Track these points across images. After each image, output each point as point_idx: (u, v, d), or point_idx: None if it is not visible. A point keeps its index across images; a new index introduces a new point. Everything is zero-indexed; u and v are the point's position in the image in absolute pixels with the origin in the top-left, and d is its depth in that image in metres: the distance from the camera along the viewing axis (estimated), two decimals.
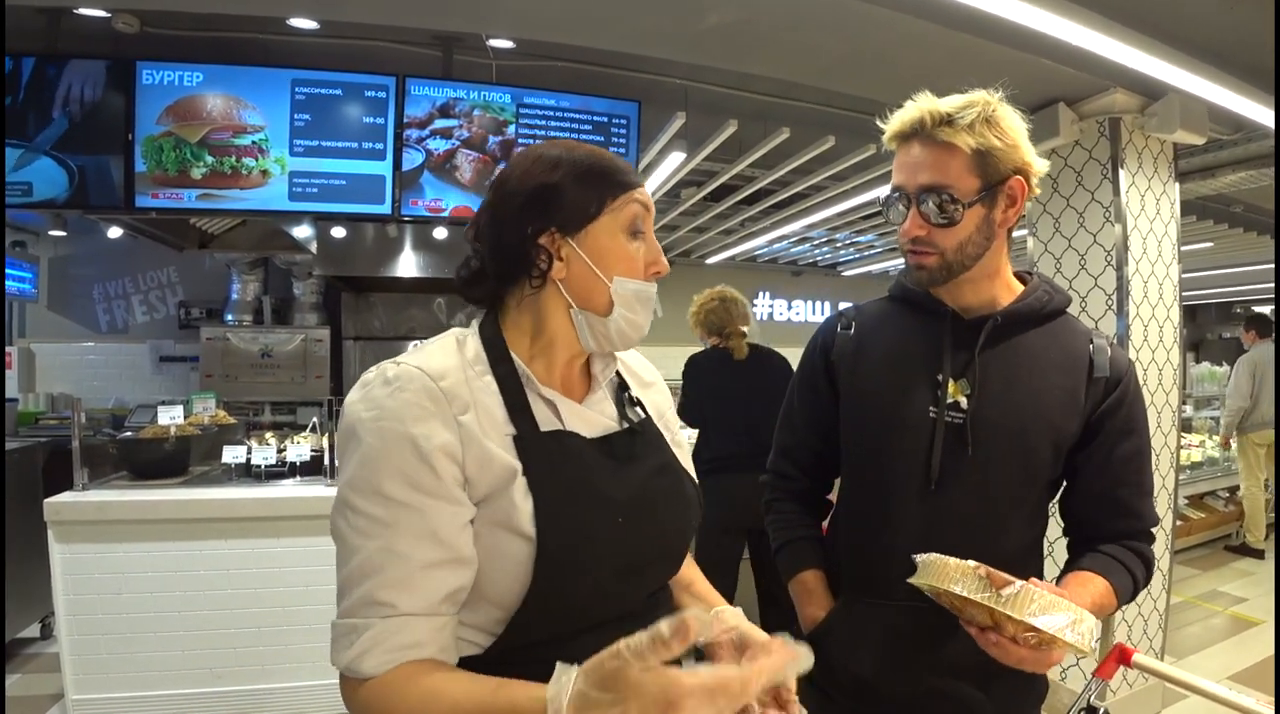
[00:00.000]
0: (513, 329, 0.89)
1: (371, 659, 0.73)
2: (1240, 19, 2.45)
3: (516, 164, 0.87)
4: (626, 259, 0.86)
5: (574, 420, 0.87)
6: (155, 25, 3.13)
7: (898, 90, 1.16)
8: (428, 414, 0.77)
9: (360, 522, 0.75)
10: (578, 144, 0.89)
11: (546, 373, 0.88)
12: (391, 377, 0.79)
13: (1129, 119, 2.97)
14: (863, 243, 7.18)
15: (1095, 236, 3.03)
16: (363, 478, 0.76)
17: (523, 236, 0.84)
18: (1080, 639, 0.85)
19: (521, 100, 3.49)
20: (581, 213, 0.84)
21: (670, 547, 0.92)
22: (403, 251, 4.57)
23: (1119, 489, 1.13)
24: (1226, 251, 6.58)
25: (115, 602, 2.66)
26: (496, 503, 0.79)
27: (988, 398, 1.11)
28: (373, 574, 0.74)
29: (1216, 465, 5.84)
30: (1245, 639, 3.95)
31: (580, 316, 0.86)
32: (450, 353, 0.84)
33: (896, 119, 1.10)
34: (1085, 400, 1.12)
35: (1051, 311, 1.17)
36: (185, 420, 3.15)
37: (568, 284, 0.85)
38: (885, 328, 1.22)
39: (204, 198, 3.27)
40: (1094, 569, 1.08)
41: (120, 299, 5.91)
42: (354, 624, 0.74)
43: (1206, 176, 4.00)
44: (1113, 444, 1.13)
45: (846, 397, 1.21)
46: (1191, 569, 5.15)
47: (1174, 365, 3.15)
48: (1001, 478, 1.11)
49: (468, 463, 0.78)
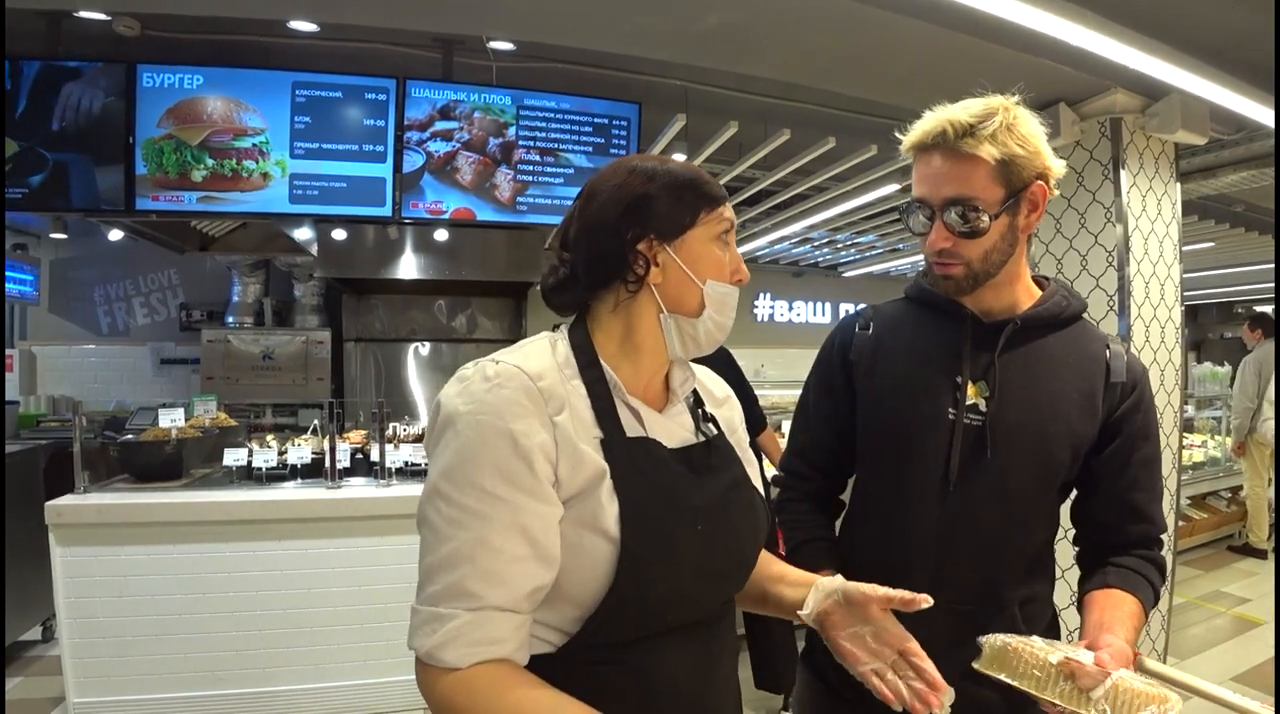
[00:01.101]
0: (601, 334, 0.92)
1: (454, 650, 0.74)
2: (1241, 18, 2.45)
3: (610, 176, 0.91)
4: (716, 265, 0.92)
5: (656, 429, 0.90)
6: (156, 28, 3.13)
7: (898, 91, 1.16)
8: (526, 411, 0.79)
9: (453, 512, 0.77)
10: (668, 158, 0.94)
11: (632, 380, 0.92)
12: (492, 374, 0.81)
13: (1130, 119, 2.97)
14: (864, 243, 7.18)
15: (1097, 237, 3.03)
16: (458, 469, 0.77)
17: (621, 242, 0.88)
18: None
19: (522, 102, 3.50)
20: (678, 222, 0.89)
21: (744, 557, 0.95)
22: (404, 253, 4.58)
23: (1134, 493, 1.14)
24: (1228, 251, 6.58)
25: (116, 604, 2.67)
26: (584, 503, 0.81)
27: (1007, 400, 1.11)
28: (462, 564, 0.75)
29: (1219, 466, 5.83)
30: (1248, 640, 3.94)
31: (670, 321, 0.91)
32: (545, 355, 0.87)
33: (917, 129, 1.08)
34: (1102, 405, 1.13)
35: (1069, 316, 1.17)
36: (186, 423, 3.15)
37: (662, 289, 0.90)
38: (904, 329, 1.22)
39: (205, 200, 3.27)
40: (1124, 587, 1.09)
41: (121, 301, 5.92)
42: (438, 613, 0.75)
43: (1208, 176, 4.00)
44: (1129, 449, 1.14)
45: (864, 396, 1.21)
46: (1194, 570, 5.14)
47: (1176, 366, 3.14)
48: (1020, 480, 1.11)
49: (560, 463, 0.80)
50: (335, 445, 2.95)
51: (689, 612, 0.88)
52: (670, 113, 3.55)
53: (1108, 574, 1.11)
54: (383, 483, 2.98)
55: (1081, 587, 1.15)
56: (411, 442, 3.27)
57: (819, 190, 4.86)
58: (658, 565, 0.82)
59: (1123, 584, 1.09)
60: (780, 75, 2.90)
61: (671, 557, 0.83)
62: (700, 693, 0.89)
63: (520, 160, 3.54)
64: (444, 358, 5.87)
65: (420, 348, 5.84)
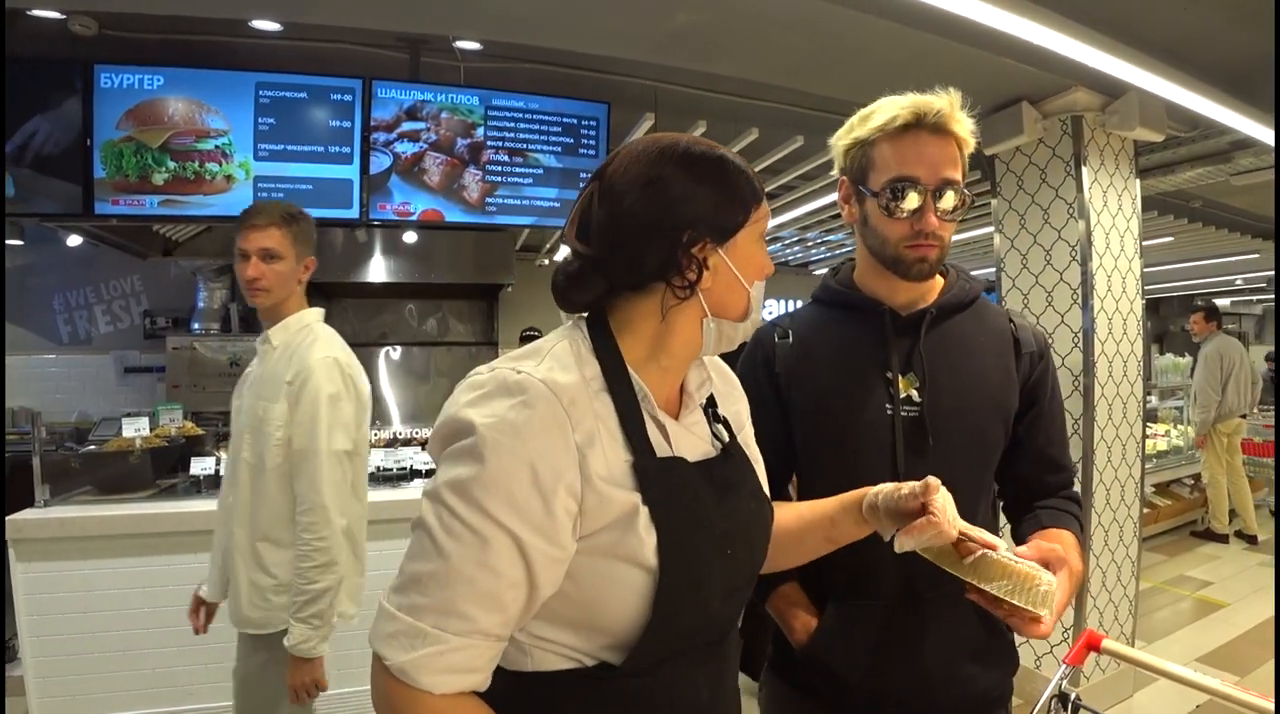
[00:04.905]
0: (630, 338, 0.84)
1: (431, 675, 0.71)
2: (1197, 19, 2.51)
3: (654, 160, 0.81)
4: (760, 264, 0.87)
5: (680, 443, 0.85)
6: (113, 27, 3.05)
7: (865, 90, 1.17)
8: (552, 440, 0.73)
9: (455, 525, 0.72)
10: (712, 143, 0.85)
11: (658, 388, 0.85)
12: (514, 385, 0.74)
13: (1091, 117, 3.03)
14: (833, 242, 7.24)
15: (1060, 232, 3.09)
16: (469, 487, 0.71)
17: (673, 244, 0.79)
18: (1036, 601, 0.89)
19: (490, 102, 3.47)
20: (732, 221, 0.82)
21: (758, 569, 0.93)
22: (373, 256, 4.52)
23: (1050, 448, 1.23)
24: (1187, 246, 6.74)
25: (81, 621, 2.60)
26: (615, 535, 0.76)
27: (938, 387, 1.15)
28: (458, 582, 0.71)
29: (1181, 454, 5.98)
30: (1212, 622, 4.05)
31: (712, 325, 0.85)
32: (570, 367, 0.79)
33: (906, 106, 1.08)
34: (1018, 374, 1.20)
35: (973, 298, 1.23)
36: (151, 432, 3.08)
37: (709, 293, 0.83)
38: (826, 334, 1.24)
39: (167, 204, 3.20)
40: (1056, 525, 1.16)
41: (82, 309, 5.76)
42: (421, 628, 0.71)
43: (1166, 173, 4.10)
44: (1043, 410, 1.22)
45: (800, 407, 1.21)
46: (1159, 555, 5.26)
47: (1138, 357, 3.22)
48: (963, 460, 1.16)
49: (586, 497, 0.75)
50: None
51: (715, 630, 0.87)
52: (639, 112, 3.55)
53: (1040, 516, 1.18)
54: None
55: (1015, 532, 1.22)
56: (383, 446, 3.23)
57: (788, 189, 4.90)
58: (693, 592, 0.79)
59: (1054, 523, 1.16)
60: (748, 74, 2.92)
61: (705, 583, 0.81)
62: (714, 701, 0.89)
63: (489, 161, 3.52)
64: (416, 362, 5.82)
65: (392, 352, 5.78)
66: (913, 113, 1.07)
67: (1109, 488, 3.10)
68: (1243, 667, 3.46)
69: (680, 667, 0.82)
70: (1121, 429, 3.15)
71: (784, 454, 1.22)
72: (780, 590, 1.23)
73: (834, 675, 1.15)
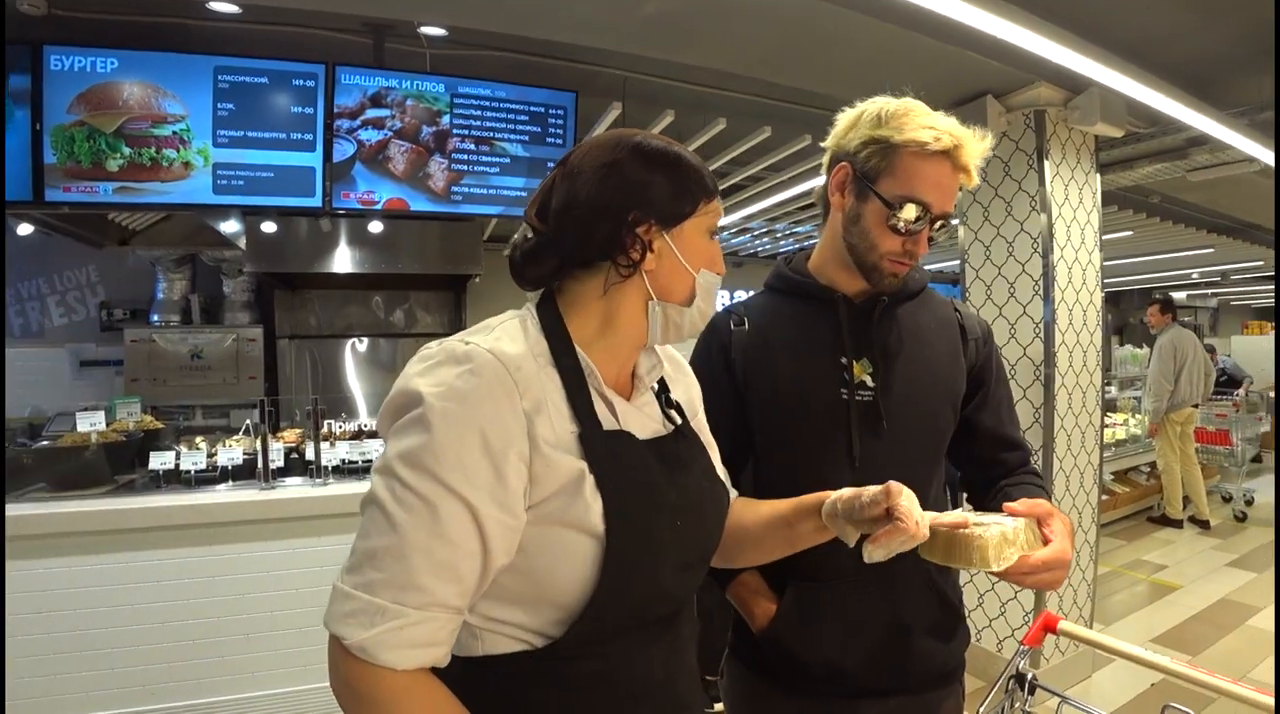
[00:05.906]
0: (577, 317, 0.88)
1: (393, 651, 0.70)
2: (1156, 18, 2.57)
3: (609, 150, 0.86)
4: (707, 255, 0.91)
5: (628, 420, 0.88)
6: (64, 8, 2.94)
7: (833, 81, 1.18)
8: (500, 407, 0.75)
9: (408, 496, 0.72)
10: (671, 140, 0.91)
11: (605, 367, 0.88)
12: (461, 355, 0.76)
13: (1053, 112, 3.08)
14: (801, 233, 7.29)
15: (1022, 224, 3.14)
16: (420, 456, 0.72)
17: (618, 224, 0.84)
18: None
19: (456, 90, 3.42)
20: (679, 209, 0.87)
21: (711, 547, 0.95)
22: (338, 247, 4.43)
23: (1004, 428, 1.28)
24: (1145, 240, 6.90)
25: (36, 622, 2.52)
26: (564, 502, 0.78)
27: (891, 372, 1.18)
28: (414, 554, 0.71)
29: (1139, 443, 6.15)
30: (1166, 604, 4.17)
31: (657, 308, 0.89)
32: (519, 339, 0.82)
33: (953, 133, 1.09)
34: (965, 359, 1.25)
35: (919, 287, 1.27)
36: (108, 427, 3.00)
37: (654, 276, 0.87)
38: (780, 320, 1.25)
39: (122, 191, 3.11)
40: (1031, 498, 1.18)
41: (34, 300, 5.59)
42: (378, 604, 0.70)
43: (1126, 168, 4.18)
44: (992, 391, 1.27)
45: (757, 394, 1.21)
46: (1117, 540, 5.41)
47: (1097, 347, 3.29)
48: (916, 443, 1.19)
49: (534, 462, 0.76)
50: (268, 445, 2.85)
51: (667, 604, 0.88)
52: (607, 101, 3.53)
53: (1009, 492, 1.20)
54: (319, 482, 2.90)
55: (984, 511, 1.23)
56: (349, 439, 3.18)
57: (756, 180, 4.92)
58: (641, 561, 0.81)
59: (1024, 495, 1.17)
60: (717, 64, 2.92)
61: (654, 553, 0.82)
62: (671, 680, 0.90)
63: (455, 149, 3.47)
64: (382, 353, 5.73)
65: (358, 343, 5.69)
66: (954, 142, 1.08)
67: (1069, 475, 3.18)
68: (1194, 646, 3.58)
69: (629, 646, 0.84)
70: (1081, 418, 3.22)
71: (740, 438, 1.23)
72: (740, 578, 1.24)
73: (793, 657, 1.17)
